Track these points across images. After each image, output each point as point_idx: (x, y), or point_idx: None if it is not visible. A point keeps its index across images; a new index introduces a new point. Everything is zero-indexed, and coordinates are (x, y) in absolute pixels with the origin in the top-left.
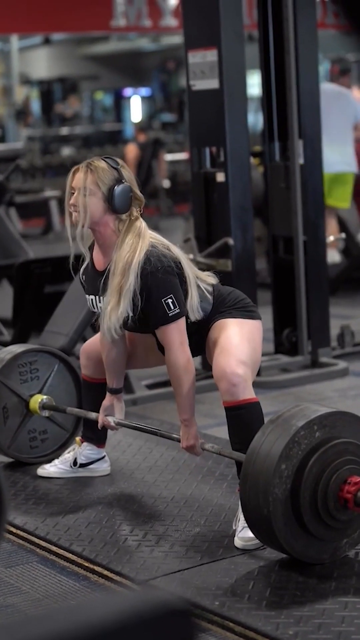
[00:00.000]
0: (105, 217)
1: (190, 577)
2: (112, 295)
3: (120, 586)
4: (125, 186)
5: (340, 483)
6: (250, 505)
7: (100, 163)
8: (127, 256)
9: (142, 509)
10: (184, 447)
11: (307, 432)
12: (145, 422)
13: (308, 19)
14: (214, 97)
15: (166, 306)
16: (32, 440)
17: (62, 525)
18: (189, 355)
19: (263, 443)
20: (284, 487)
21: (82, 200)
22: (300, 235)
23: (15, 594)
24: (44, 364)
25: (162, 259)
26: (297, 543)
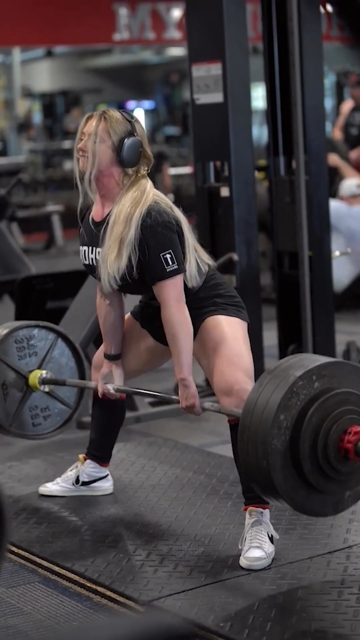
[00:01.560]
0: (111, 168)
1: (195, 598)
2: (112, 245)
3: (124, 607)
4: (136, 140)
5: (341, 433)
6: (249, 458)
7: (114, 113)
8: (130, 208)
9: (145, 528)
10: (183, 407)
11: (306, 382)
12: (149, 439)
13: (313, 32)
14: (218, 111)
15: (164, 261)
16: (35, 418)
17: (64, 544)
18: (185, 313)
19: (260, 394)
20: (283, 439)
21: (91, 146)
22: (305, 251)
23: (16, 614)
24: (41, 339)
25: (164, 215)
26: (298, 495)
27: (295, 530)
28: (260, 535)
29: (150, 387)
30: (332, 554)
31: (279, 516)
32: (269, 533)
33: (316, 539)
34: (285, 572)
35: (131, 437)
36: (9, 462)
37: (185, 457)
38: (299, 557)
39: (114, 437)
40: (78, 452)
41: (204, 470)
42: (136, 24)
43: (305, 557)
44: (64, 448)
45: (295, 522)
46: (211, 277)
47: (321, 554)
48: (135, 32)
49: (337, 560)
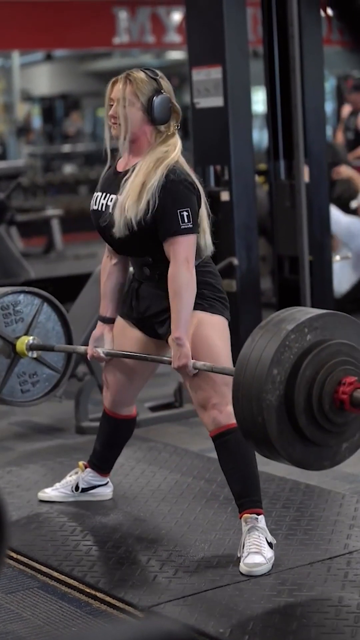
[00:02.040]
0: (144, 128)
1: (195, 604)
2: (134, 189)
3: (123, 613)
4: (165, 97)
5: (335, 385)
6: (244, 415)
7: (139, 74)
8: (157, 159)
9: (145, 534)
10: (175, 367)
11: (298, 335)
12: (149, 444)
13: (314, 35)
14: (218, 115)
15: (180, 218)
16: (23, 384)
17: (63, 550)
18: (193, 273)
19: (253, 349)
20: (277, 394)
21: (122, 111)
22: (305, 255)
23: (15, 620)
24: (27, 305)
25: (187, 175)
26: (294, 450)
27: (295, 535)
28: (258, 540)
29: (150, 392)
30: (333, 559)
31: (279, 521)
32: (267, 538)
33: (316, 544)
34: (286, 578)
35: (131, 442)
36: (8, 467)
37: (185, 462)
38: (299, 562)
39: (118, 450)
40: (77, 457)
41: (203, 476)
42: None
43: (306, 562)
44: (64, 453)
45: (295, 528)
46: (206, 264)
47: (321, 559)
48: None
49: (338, 566)
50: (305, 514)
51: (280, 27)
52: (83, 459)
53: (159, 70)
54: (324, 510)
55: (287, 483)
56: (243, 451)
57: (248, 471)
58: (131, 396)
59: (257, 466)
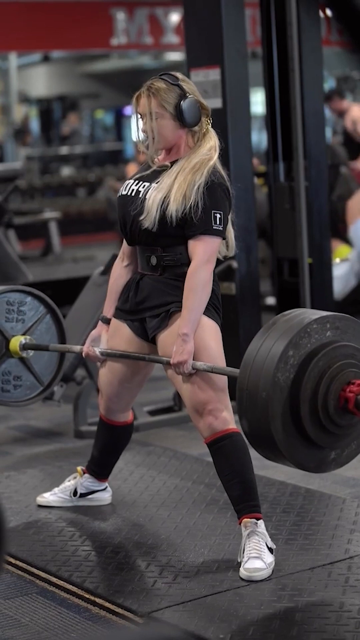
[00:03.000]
0: (178, 133)
1: (194, 609)
2: (179, 187)
3: (122, 619)
4: (191, 99)
5: (344, 383)
6: (248, 390)
7: (160, 84)
8: (204, 158)
9: (144, 539)
10: (174, 362)
11: (320, 327)
12: (147, 449)
13: (313, 36)
14: (217, 117)
15: (214, 219)
16: (5, 383)
17: (62, 555)
18: (211, 276)
19: (268, 336)
20: (287, 375)
21: (151, 125)
22: (305, 257)
23: (14, 626)
24: (32, 308)
25: (225, 181)
26: (297, 452)
27: (295, 540)
28: (259, 545)
29: (149, 396)
30: (333, 564)
31: (280, 526)
32: (267, 543)
33: (317, 549)
34: (286, 583)
35: (129, 446)
36: (6, 471)
37: (184, 466)
38: (299, 567)
39: (116, 456)
40: (76, 461)
41: (203, 480)
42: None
43: (306, 567)
44: (62, 458)
45: (295, 533)
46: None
47: (322, 564)
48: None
49: (339, 571)
50: (306, 518)
51: (279, 28)
52: (82, 464)
53: (179, 73)
54: (324, 515)
55: (287, 487)
56: (239, 456)
57: (245, 476)
58: (126, 403)
59: (254, 471)
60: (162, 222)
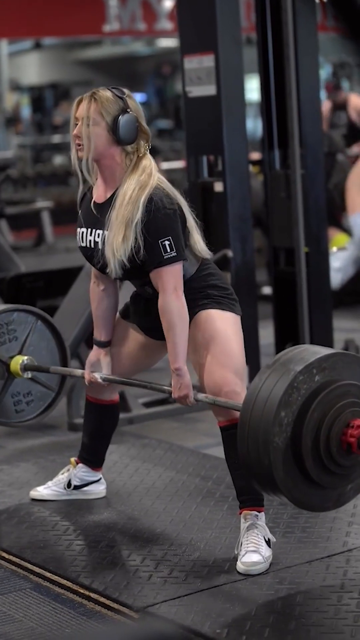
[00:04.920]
0: (110, 149)
1: (190, 604)
2: (119, 227)
3: (118, 614)
4: (131, 116)
5: (343, 427)
6: (250, 455)
7: (105, 92)
8: (136, 190)
9: (139, 532)
10: (175, 397)
11: (306, 376)
12: (142, 441)
13: (308, 22)
14: (211, 104)
15: (162, 248)
16: (17, 404)
17: (56, 550)
18: (183, 302)
19: (260, 390)
20: (284, 436)
21: (85, 130)
22: (301, 247)
23: (8, 622)
24: (21, 323)
25: (165, 200)
26: (299, 491)
27: (293, 533)
28: (257, 539)
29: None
30: (332, 557)
31: (277, 519)
32: (265, 537)
33: (315, 542)
34: (284, 577)
35: (124, 439)
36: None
37: (180, 459)
38: (297, 561)
39: (106, 441)
40: (70, 455)
41: (199, 473)
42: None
43: (304, 561)
44: (56, 451)
45: (293, 525)
46: (205, 267)
47: (320, 557)
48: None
49: (337, 564)
50: (303, 511)
51: (273, 14)
52: (75, 456)
53: (126, 89)
54: None
55: None
56: None
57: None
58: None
59: None
60: (123, 268)
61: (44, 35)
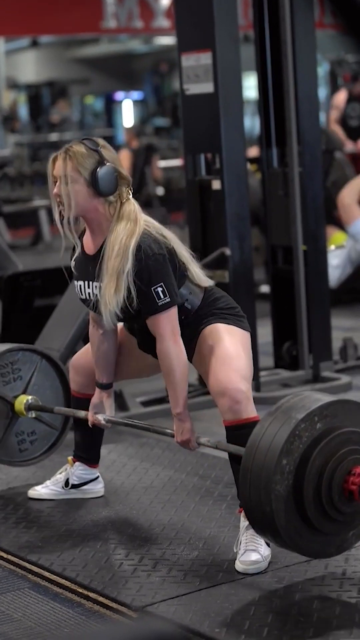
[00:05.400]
0: (93, 203)
1: (189, 603)
2: (110, 279)
3: (116, 613)
4: (108, 167)
5: (345, 474)
6: (251, 503)
7: (79, 148)
8: (124, 239)
9: (137, 532)
10: (178, 441)
11: (308, 424)
12: (140, 440)
13: (306, 19)
14: (208, 102)
15: (155, 295)
16: (21, 443)
17: (54, 549)
18: (181, 346)
19: (262, 437)
20: (286, 483)
21: (64, 189)
22: (299, 245)
23: (6, 622)
24: (25, 362)
25: (154, 246)
26: (301, 539)
27: None
28: (256, 538)
29: (141, 387)
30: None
31: None
32: None
33: None
34: (282, 576)
35: (122, 437)
36: None
37: (178, 458)
38: (296, 560)
39: (98, 436)
40: (68, 454)
41: (197, 472)
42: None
43: (303, 560)
44: None
45: None
46: (210, 294)
47: None
48: (123, 21)
49: (335, 564)
50: None
51: (271, 11)
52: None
53: (100, 139)
54: None
55: None
56: None
57: None
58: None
59: None
60: (118, 318)
61: (41, 33)
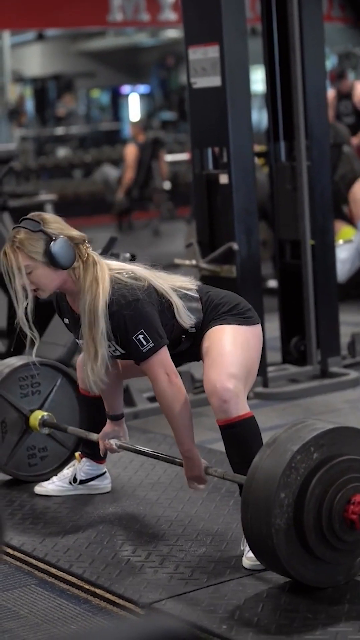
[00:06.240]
0: (59, 277)
1: (196, 600)
2: (89, 346)
3: (123, 610)
4: (59, 242)
5: (344, 504)
6: (253, 536)
7: (21, 235)
8: (90, 304)
9: (145, 528)
10: (188, 477)
11: (304, 455)
12: (148, 436)
13: (314, 12)
14: (216, 96)
15: (138, 343)
16: (31, 458)
17: (61, 545)
18: (178, 385)
19: (260, 470)
20: (286, 516)
21: (22, 282)
22: (307, 239)
23: (12, 618)
24: (46, 377)
25: (126, 294)
26: (306, 570)
27: None
28: None
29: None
30: None
31: None
32: None
33: None
34: None
35: (129, 433)
36: None
37: None
38: None
39: None
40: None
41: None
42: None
43: None
44: None
45: None
46: (208, 302)
47: None
48: (129, 14)
49: None
50: None
51: (279, 4)
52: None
53: (38, 215)
54: None
55: None
56: (250, 444)
57: None
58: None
59: None
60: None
61: (47, 26)
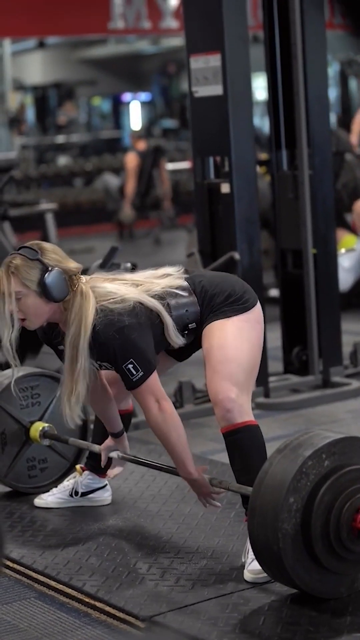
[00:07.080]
0: (50, 308)
1: (198, 613)
2: (67, 382)
3: (124, 623)
4: (54, 273)
5: (353, 513)
6: (259, 542)
7: (18, 260)
8: (72, 339)
9: (145, 540)
10: (199, 498)
11: (315, 461)
12: (148, 447)
13: (316, 19)
14: (217, 104)
15: (128, 372)
16: (31, 469)
17: (61, 558)
18: (169, 411)
19: (269, 475)
20: (293, 522)
21: (10, 308)
22: (309, 248)
23: (12, 632)
24: (45, 389)
25: (113, 322)
26: (310, 579)
27: None
28: None
29: None
30: None
31: None
32: None
33: None
34: None
35: (130, 444)
36: None
37: None
38: None
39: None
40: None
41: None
42: (132, 12)
43: None
44: None
45: None
46: (202, 293)
47: None
48: (130, 22)
49: None
50: None
51: (281, 11)
52: (81, 463)
53: (36, 244)
54: None
55: None
56: (253, 451)
57: (257, 473)
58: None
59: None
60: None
61: (48, 34)
